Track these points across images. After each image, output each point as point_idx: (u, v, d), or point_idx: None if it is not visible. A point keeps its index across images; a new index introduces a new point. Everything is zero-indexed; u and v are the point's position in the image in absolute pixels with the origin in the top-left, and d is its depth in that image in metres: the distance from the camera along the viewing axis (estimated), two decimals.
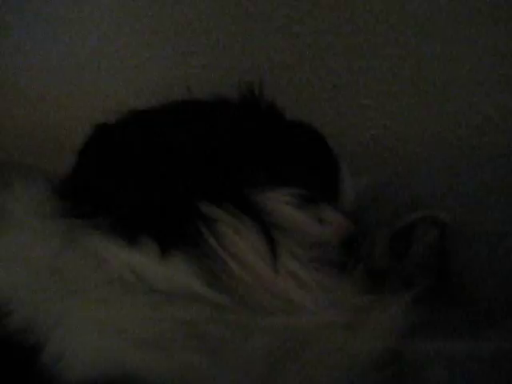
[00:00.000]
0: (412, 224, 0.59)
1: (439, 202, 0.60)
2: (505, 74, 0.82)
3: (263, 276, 0.52)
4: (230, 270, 0.52)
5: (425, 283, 0.55)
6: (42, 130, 1.11)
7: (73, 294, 0.49)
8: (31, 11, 1.12)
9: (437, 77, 0.86)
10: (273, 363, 0.46)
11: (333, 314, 0.52)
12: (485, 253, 0.52)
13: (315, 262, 0.56)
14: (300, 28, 0.92)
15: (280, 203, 0.57)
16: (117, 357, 0.44)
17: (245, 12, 0.95)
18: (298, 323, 0.51)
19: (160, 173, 0.56)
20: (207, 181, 0.56)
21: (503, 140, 0.82)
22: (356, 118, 0.91)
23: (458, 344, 0.47)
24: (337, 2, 0.89)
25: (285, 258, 0.54)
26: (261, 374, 0.46)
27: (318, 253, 0.57)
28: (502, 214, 0.55)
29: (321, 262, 0.57)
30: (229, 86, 0.68)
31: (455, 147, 0.85)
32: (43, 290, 0.49)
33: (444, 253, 0.56)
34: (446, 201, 0.60)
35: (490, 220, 0.55)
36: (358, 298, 0.55)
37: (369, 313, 0.53)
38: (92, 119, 0.64)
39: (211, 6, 0.98)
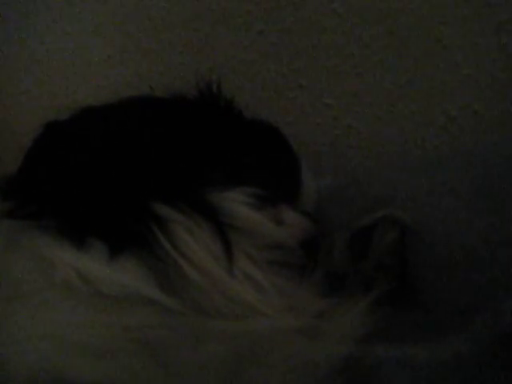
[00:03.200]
0: (372, 225, 0.57)
1: (400, 203, 0.59)
2: (469, 75, 0.81)
3: (218, 279, 0.50)
4: (183, 272, 0.49)
5: (385, 286, 0.54)
6: None
7: (15, 298, 0.46)
8: None
9: (401, 76, 0.85)
10: (226, 371, 0.44)
11: (290, 319, 0.51)
12: (445, 255, 0.51)
13: (273, 265, 0.54)
14: (264, 26, 0.90)
15: (236, 203, 0.55)
16: (59, 365, 0.42)
17: (208, 9, 0.93)
18: (253, 328, 0.49)
19: (111, 171, 0.54)
20: (161, 179, 0.54)
21: (466, 140, 0.82)
22: (320, 118, 0.90)
23: (418, 348, 0.46)
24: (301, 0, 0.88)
25: (240, 260, 0.52)
26: (213, 381, 0.44)
27: (276, 255, 0.56)
28: (464, 215, 0.53)
29: (279, 265, 0.55)
30: (192, 83, 0.66)
31: (418, 147, 0.85)
32: None
33: (403, 254, 0.55)
34: (407, 201, 0.59)
35: (452, 222, 0.53)
36: (317, 301, 0.54)
37: (328, 317, 0.52)
38: (50, 118, 0.62)
39: (173, 3, 0.96)
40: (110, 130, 0.57)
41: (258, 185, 0.59)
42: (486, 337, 0.43)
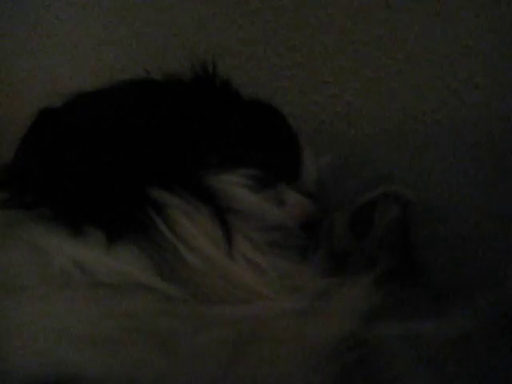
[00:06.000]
0: (373, 202, 0.56)
1: (402, 179, 0.58)
2: (469, 46, 0.80)
3: (217, 263, 0.49)
4: (183, 257, 0.49)
5: (387, 263, 0.53)
6: None
7: (11, 292, 0.45)
8: None
9: (400, 50, 0.84)
10: (228, 355, 0.44)
11: (292, 301, 0.50)
12: (448, 231, 0.50)
13: (273, 247, 0.54)
14: (259, 4, 0.89)
15: (235, 186, 0.54)
16: (60, 358, 0.41)
17: None
18: (255, 311, 0.48)
19: (106, 157, 0.53)
20: (157, 164, 0.53)
21: (469, 114, 0.81)
22: (319, 95, 0.89)
23: (423, 325, 0.46)
24: None
25: (240, 243, 0.51)
26: (216, 366, 0.43)
27: (277, 237, 0.55)
28: (466, 190, 0.52)
29: (279, 247, 0.54)
30: (187, 65, 0.65)
31: (419, 122, 0.83)
32: None
33: (406, 231, 0.54)
34: (408, 177, 0.58)
35: (454, 197, 0.52)
36: (319, 282, 0.53)
37: (330, 297, 0.51)
38: (45, 104, 0.61)
39: None
40: (104, 116, 0.56)
41: (257, 166, 0.58)
42: (490, 313, 0.42)
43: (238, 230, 0.52)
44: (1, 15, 1.06)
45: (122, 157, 0.53)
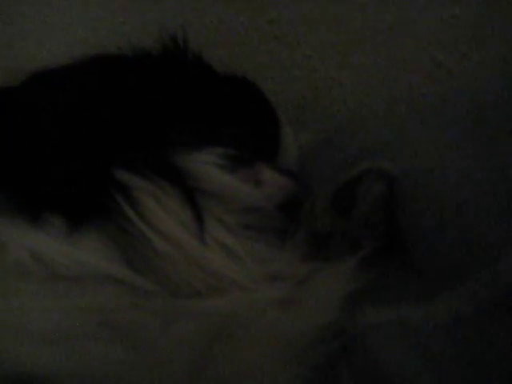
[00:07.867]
0: (356, 178, 0.53)
1: (387, 155, 0.55)
2: (456, 16, 0.77)
3: (188, 248, 0.46)
4: (152, 244, 0.46)
5: (372, 244, 0.50)
6: None
7: None
8: None
9: (383, 22, 0.80)
10: (200, 349, 0.41)
11: (269, 289, 0.47)
12: (436, 210, 0.47)
13: (249, 230, 0.50)
14: None
15: (206, 165, 0.50)
16: (18, 356, 0.38)
17: None
18: (229, 302, 0.45)
19: (67, 138, 0.49)
20: (121, 143, 0.49)
21: (455, 86, 0.78)
22: (299, 70, 0.86)
23: (411, 309, 0.43)
24: None
25: (212, 226, 0.48)
26: (187, 362, 0.40)
27: (253, 219, 0.51)
28: (453, 166, 0.49)
29: (256, 230, 0.51)
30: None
31: (405, 96, 0.80)
32: None
33: (392, 208, 0.51)
34: (394, 153, 0.54)
35: (441, 173, 0.49)
36: (299, 267, 0.50)
37: (311, 284, 0.48)
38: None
39: None
40: (63, 94, 0.52)
41: (231, 143, 0.54)
42: (482, 296, 0.39)
43: (209, 213, 0.48)
44: None
45: (82, 136, 0.49)
